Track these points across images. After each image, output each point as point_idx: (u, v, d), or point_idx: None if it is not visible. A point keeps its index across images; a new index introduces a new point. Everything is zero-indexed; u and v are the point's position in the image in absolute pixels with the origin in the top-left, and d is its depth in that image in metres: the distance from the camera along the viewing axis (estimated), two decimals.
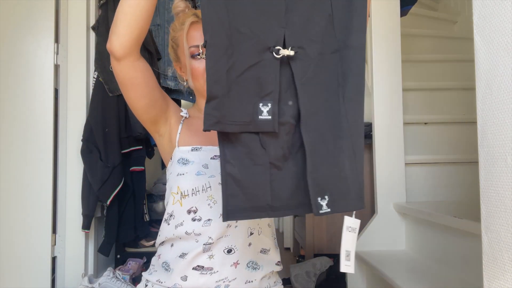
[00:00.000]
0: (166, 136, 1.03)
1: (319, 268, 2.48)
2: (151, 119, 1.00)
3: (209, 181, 0.94)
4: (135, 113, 1.00)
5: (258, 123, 0.80)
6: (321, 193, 0.79)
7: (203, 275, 0.92)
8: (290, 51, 0.79)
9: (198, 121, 1.07)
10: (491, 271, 0.68)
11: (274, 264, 1.01)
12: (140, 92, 0.95)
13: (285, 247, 3.86)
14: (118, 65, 0.90)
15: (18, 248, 1.73)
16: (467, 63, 2.54)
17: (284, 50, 0.80)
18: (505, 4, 0.64)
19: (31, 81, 1.78)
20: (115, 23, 0.86)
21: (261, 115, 0.80)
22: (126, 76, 0.92)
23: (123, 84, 0.94)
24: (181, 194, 0.95)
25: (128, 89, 0.95)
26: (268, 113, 0.81)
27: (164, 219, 1.00)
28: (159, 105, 1.00)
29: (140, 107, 0.98)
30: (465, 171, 2.06)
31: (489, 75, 0.68)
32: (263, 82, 0.81)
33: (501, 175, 0.66)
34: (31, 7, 1.79)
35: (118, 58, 0.88)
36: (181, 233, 0.95)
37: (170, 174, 1.00)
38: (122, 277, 1.81)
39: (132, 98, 0.96)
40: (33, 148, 1.76)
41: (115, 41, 0.87)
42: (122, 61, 0.89)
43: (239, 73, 0.81)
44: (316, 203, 0.78)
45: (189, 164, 0.96)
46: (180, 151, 0.99)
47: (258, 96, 0.81)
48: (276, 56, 0.80)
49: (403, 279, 1.50)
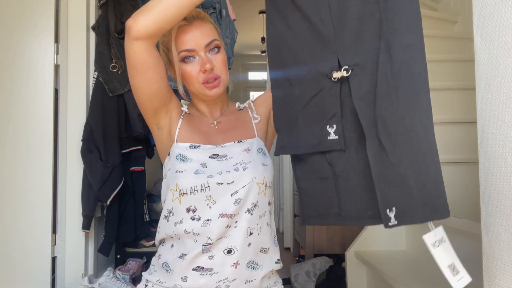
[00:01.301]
0: (166, 130, 1.02)
1: (319, 268, 2.48)
2: (154, 109, 1.00)
3: (208, 181, 0.94)
4: (138, 100, 0.99)
5: (328, 143, 0.90)
6: (389, 205, 0.79)
7: (203, 276, 0.92)
8: (343, 72, 0.85)
9: (197, 119, 1.07)
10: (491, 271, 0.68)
11: (274, 262, 1.01)
12: (149, 78, 0.94)
13: (285, 247, 3.86)
14: (133, 45, 0.90)
15: (18, 248, 1.73)
16: (467, 63, 2.54)
17: (337, 73, 0.86)
18: (505, 4, 0.64)
19: (31, 81, 1.78)
20: (151, 8, 0.88)
21: (329, 136, 0.90)
22: (139, 58, 0.91)
23: (133, 66, 0.93)
24: (180, 192, 0.94)
25: (138, 73, 0.94)
26: (335, 133, 0.90)
27: (163, 215, 1.00)
28: (164, 95, 0.99)
29: (145, 94, 0.97)
30: (465, 171, 2.06)
31: (489, 75, 0.68)
32: (327, 106, 0.89)
33: (501, 175, 0.66)
34: (31, 7, 1.79)
35: (136, 37, 0.89)
36: (180, 231, 0.94)
37: (168, 170, 0.99)
38: (122, 277, 1.81)
39: (140, 82, 0.95)
40: (33, 148, 1.76)
41: (141, 21, 0.88)
42: (139, 41, 0.89)
43: (304, 104, 0.92)
44: (385, 215, 0.80)
45: (188, 162, 0.96)
46: (178, 147, 0.99)
47: (325, 119, 0.90)
48: (334, 80, 0.87)
49: (403, 279, 1.50)
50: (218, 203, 0.93)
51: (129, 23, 0.89)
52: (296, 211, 3.30)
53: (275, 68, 0.97)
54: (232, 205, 0.93)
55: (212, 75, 0.99)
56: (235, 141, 1.02)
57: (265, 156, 1.02)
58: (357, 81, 0.84)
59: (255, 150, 1.01)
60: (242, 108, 1.12)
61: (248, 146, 1.01)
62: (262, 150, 1.03)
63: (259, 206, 0.97)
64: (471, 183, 1.99)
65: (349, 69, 0.84)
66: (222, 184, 0.94)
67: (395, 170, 0.78)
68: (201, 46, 0.98)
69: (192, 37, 0.98)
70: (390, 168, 0.78)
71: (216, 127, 1.06)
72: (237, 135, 1.04)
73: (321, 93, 0.89)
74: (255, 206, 0.96)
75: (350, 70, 0.84)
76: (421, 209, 0.77)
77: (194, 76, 0.99)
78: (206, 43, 0.99)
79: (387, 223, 0.79)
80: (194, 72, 0.99)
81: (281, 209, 4.26)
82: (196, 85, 1.00)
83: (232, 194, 0.94)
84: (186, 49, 0.98)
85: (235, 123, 1.07)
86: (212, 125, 1.06)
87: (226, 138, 1.03)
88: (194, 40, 0.98)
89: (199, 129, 1.04)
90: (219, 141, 1.02)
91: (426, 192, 0.76)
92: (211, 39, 1.00)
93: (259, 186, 0.97)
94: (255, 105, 1.11)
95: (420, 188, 0.76)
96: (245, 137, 1.04)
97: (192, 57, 0.99)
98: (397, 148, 0.78)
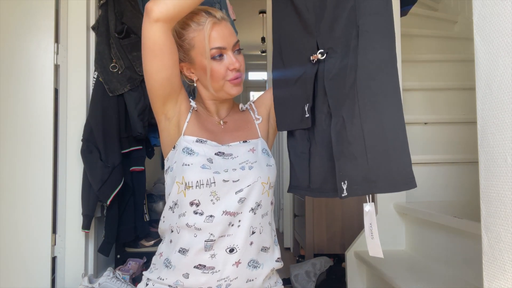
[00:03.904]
0: (174, 121, 1.02)
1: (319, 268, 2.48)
2: (164, 96, 0.99)
3: (214, 176, 0.94)
4: (151, 87, 0.98)
5: (305, 121, 1.00)
6: (343, 178, 0.88)
7: (204, 274, 0.93)
8: (319, 55, 0.94)
9: (204, 117, 1.07)
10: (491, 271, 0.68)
11: (275, 261, 1.01)
12: (165, 62, 0.95)
13: (285, 247, 3.86)
14: (153, 27, 0.91)
15: (18, 248, 1.73)
16: (467, 63, 2.54)
17: (314, 56, 0.95)
18: (505, 4, 0.64)
19: (31, 81, 1.78)
20: None
21: (305, 114, 1.00)
22: (157, 40, 0.92)
23: (151, 49, 0.93)
24: (186, 185, 0.94)
25: (156, 55, 0.94)
26: (308, 111, 0.99)
27: (169, 206, 1.00)
28: (176, 83, 0.99)
29: (159, 79, 0.96)
30: (465, 171, 2.06)
31: (489, 75, 0.68)
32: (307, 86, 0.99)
33: (501, 175, 0.66)
34: (31, 7, 1.79)
35: (156, 18, 0.90)
36: (182, 224, 0.95)
37: (174, 163, 0.99)
38: (122, 277, 1.81)
39: (155, 67, 0.95)
40: (33, 148, 1.76)
41: (162, 3, 0.89)
42: (159, 23, 0.90)
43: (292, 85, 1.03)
44: (340, 188, 0.89)
45: (194, 155, 0.96)
46: (185, 140, 0.99)
47: (306, 100, 1.00)
48: (313, 63, 0.96)
49: (403, 279, 1.50)
50: (222, 200, 0.94)
51: (149, 5, 0.90)
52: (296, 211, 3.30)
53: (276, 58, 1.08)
54: (236, 203, 0.94)
55: (239, 73, 1.01)
56: (241, 141, 1.03)
57: (269, 156, 1.04)
58: (329, 64, 0.92)
59: (260, 151, 1.03)
60: (244, 109, 1.13)
61: (253, 147, 1.03)
62: (266, 150, 1.04)
63: (263, 206, 0.98)
64: (471, 183, 1.99)
65: (324, 52, 0.93)
66: (227, 181, 0.95)
67: (349, 148, 0.87)
68: (230, 45, 1.00)
69: (224, 36, 1.00)
70: (347, 145, 0.87)
71: (222, 126, 1.07)
72: (242, 135, 1.05)
73: (303, 75, 0.99)
74: (259, 206, 0.97)
75: (325, 53, 0.93)
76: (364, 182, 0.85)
77: (222, 74, 1.00)
78: (234, 42, 1.01)
79: (341, 194, 0.88)
80: (222, 70, 1.00)
81: (281, 209, 4.26)
82: (221, 82, 1.01)
83: (236, 192, 0.95)
84: (218, 46, 0.99)
85: (240, 124, 1.08)
86: (218, 124, 1.07)
87: (232, 137, 1.04)
88: (225, 39, 0.99)
89: (206, 127, 1.05)
90: (225, 140, 1.03)
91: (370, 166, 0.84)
92: (237, 40, 1.02)
93: (264, 186, 0.98)
94: (256, 106, 1.13)
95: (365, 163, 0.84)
96: (250, 137, 1.05)
97: (222, 55, 1.00)
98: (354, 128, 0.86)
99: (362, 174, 0.85)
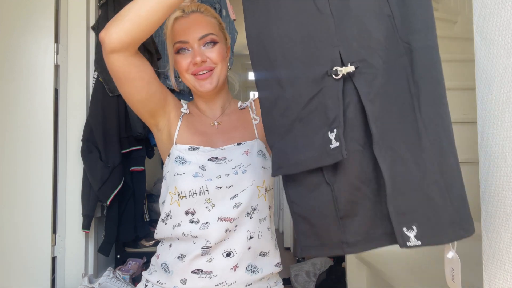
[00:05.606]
0: (165, 131, 1.02)
1: (319, 268, 2.48)
2: (149, 112, 0.99)
3: (206, 184, 0.93)
4: (131, 106, 0.98)
5: (330, 154, 0.71)
6: (407, 223, 0.70)
7: (202, 279, 0.92)
8: (350, 67, 0.71)
9: (197, 119, 1.06)
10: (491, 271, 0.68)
11: (274, 265, 1.00)
12: (135, 87, 0.92)
13: (285, 247, 3.86)
14: (110, 58, 0.87)
15: (18, 248, 1.73)
16: (467, 63, 2.54)
17: (343, 68, 0.71)
18: (505, 4, 0.64)
19: (31, 81, 1.78)
20: (121, 18, 0.82)
21: (331, 144, 0.72)
22: (119, 70, 0.88)
23: (116, 78, 0.91)
24: (179, 195, 0.93)
25: (123, 83, 0.92)
26: (336, 140, 0.72)
27: (161, 218, 0.99)
28: (157, 98, 0.98)
29: (136, 101, 0.96)
30: (465, 171, 2.05)
31: (489, 75, 0.68)
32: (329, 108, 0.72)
33: (501, 175, 0.66)
34: (31, 7, 1.79)
35: (111, 50, 0.85)
36: (178, 234, 0.94)
37: (167, 172, 0.99)
38: (122, 277, 1.81)
39: (127, 92, 0.94)
40: (33, 148, 1.76)
41: (113, 33, 0.83)
42: (115, 54, 0.85)
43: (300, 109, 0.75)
44: (402, 234, 0.71)
45: (186, 164, 0.95)
46: (177, 149, 0.98)
47: (326, 125, 0.72)
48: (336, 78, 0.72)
49: (403, 279, 1.50)
50: (217, 207, 0.93)
51: (101, 36, 0.84)
52: None
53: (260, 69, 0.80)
54: (232, 209, 0.92)
55: (204, 67, 0.97)
56: (235, 143, 1.01)
57: (265, 158, 1.00)
58: (365, 80, 0.71)
59: (255, 153, 0.99)
60: (244, 107, 1.10)
61: (248, 148, 1.00)
62: (262, 152, 1.01)
63: (259, 210, 0.96)
64: (471, 183, 1.99)
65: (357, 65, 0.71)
66: (221, 188, 0.93)
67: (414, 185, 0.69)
68: (195, 38, 0.98)
69: (187, 29, 0.98)
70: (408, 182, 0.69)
71: (217, 127, 1.05)
72: (237, 136, 1.02)
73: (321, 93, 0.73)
74: (255, 210, 0.95)
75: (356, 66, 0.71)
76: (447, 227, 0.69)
77: (184, 68, 0.98)
78: (200, 36, 0.98)
79: (405, 242, 0.71)
80: (184, 64, 0.98)
81: (281, 209, 4.25)
82: (187, 76, 0.99)
83: (231, 197, 0.93)
84: (180, 40, 0.98)
85: (236, 124, 1.06)
86: (212, 125, 1.05)
87: (226, 139, 1.02)
88: (188, 32, 0.98)
89: (199, 130, 1.03)
90: (219, 143, 1.01)
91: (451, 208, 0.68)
92: (206, 33, 0.98)
93: (259, 190, 0.95)
94: (256, 104, 1.09)
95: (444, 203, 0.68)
96: (245, 138, 1.02)
97: (186, 49, 0.98)
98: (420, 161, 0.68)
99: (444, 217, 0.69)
